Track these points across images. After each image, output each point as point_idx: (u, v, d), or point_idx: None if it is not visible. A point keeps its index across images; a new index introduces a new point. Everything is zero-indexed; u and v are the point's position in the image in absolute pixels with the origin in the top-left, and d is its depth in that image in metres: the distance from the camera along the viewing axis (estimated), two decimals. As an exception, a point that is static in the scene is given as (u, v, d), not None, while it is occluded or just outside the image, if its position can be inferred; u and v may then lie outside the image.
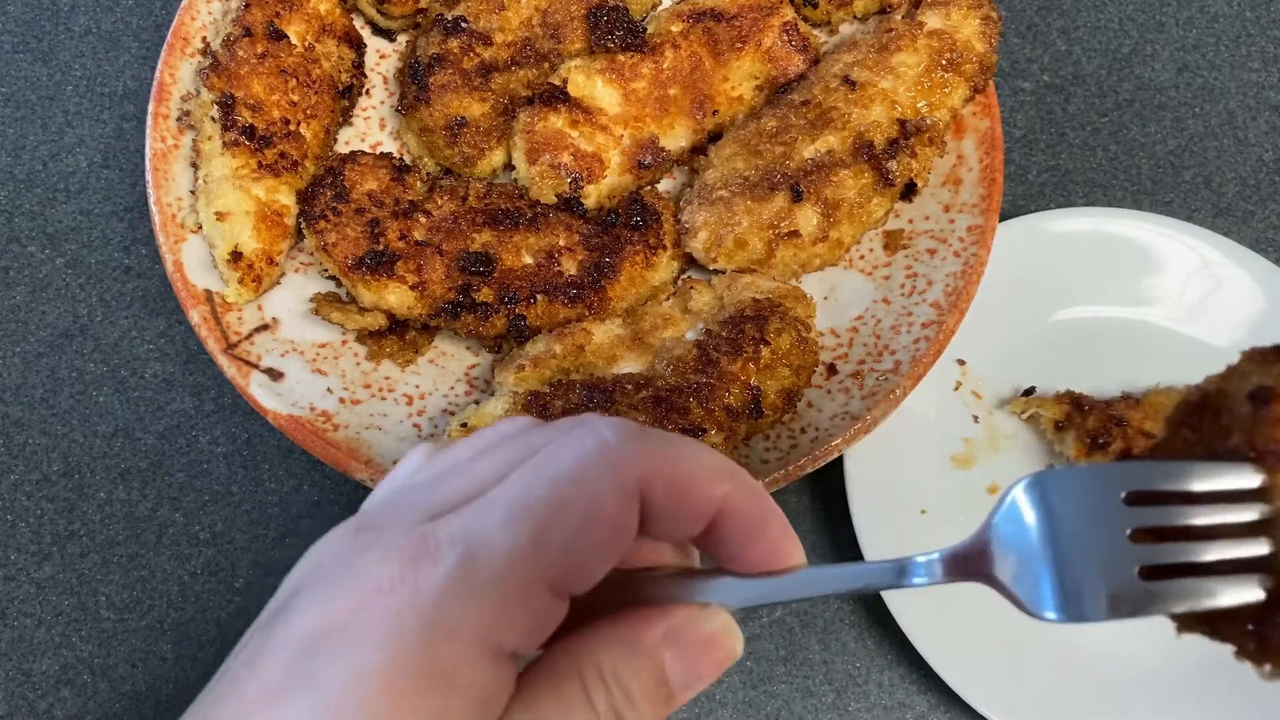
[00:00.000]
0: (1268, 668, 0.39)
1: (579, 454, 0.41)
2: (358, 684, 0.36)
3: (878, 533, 0.79)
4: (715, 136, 0.86)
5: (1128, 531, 0.39)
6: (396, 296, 0.77)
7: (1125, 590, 0.39)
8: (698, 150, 0.86)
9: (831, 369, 0.80)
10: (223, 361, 0.75)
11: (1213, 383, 0.42)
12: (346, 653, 0.36)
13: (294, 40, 0.82)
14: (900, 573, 0.43)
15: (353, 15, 0.89)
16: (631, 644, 0.42)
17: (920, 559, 0.43)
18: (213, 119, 0.79)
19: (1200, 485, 0.40)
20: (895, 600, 0.78)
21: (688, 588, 0.44)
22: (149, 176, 0.79)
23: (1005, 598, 0.41)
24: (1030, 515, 0.41)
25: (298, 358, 0.77)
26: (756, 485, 0.44)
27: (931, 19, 0.84)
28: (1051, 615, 0.40)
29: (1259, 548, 0.39)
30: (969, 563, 0.42)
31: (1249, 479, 0.40)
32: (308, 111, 0.81)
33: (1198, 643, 0.80)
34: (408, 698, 0.36)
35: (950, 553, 0.42)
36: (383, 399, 0.78)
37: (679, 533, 0.43)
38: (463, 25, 0.85)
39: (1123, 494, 0.40)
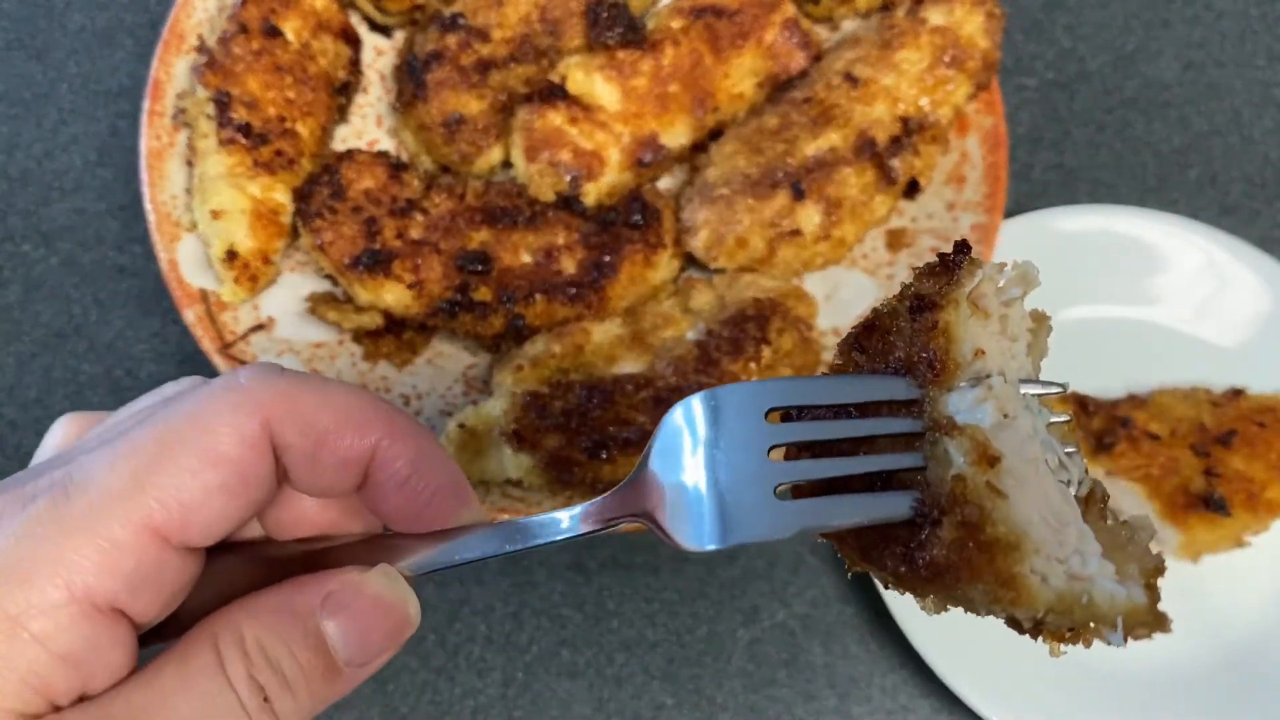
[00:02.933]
0: (930, 599, 0.37)
1: (202, 396, 0.37)
2: None
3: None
4: (716, 134, 0.85)
5: (766, 449, 0.37)
6: (393, 296, 0.76)
7: (757, 511, 0.37)
8: (698, 148, 0.85)
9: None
10: (218, 361, 0.74)
11: (884, 304, 0.40)
12: None
13: (290, 37, 0.81)
14: (562, 522, 0.40)
15: (349, 11, 0.88)
16: (282, 611, 0.38)
17: (581, 506, 0.40)
18: (208, 116, 0.78)
19: (850, 398, 0.38)
20: (899, 603, 0.77)
21: (360, 553, 0.41)
22: (144, 175, 0.78)
23: (657, 533, 0.39)
24: (679, 444, 0.38)
25: (294, 358, 0.77)
26: (421, 436, 0.41)
27: (934, 15, 0.83)
28: (686, 545, 0.38)
29: (907, 460, 0.37)
30: (627, 501, 0.40)
31: (902, 390, 0.38)
32: (304, 109, 0.80)
33: (1199, 645, 0.80)
34: None
35: (609, 495, 0.40)
36: (380, 399, 0.77)
37: (328, 484, 0.40)
38: (460, 21, 0.84)
39: (765, 411, 0.38)
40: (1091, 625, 0.35)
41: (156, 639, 0.39)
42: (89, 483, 0.35)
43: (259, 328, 0.77)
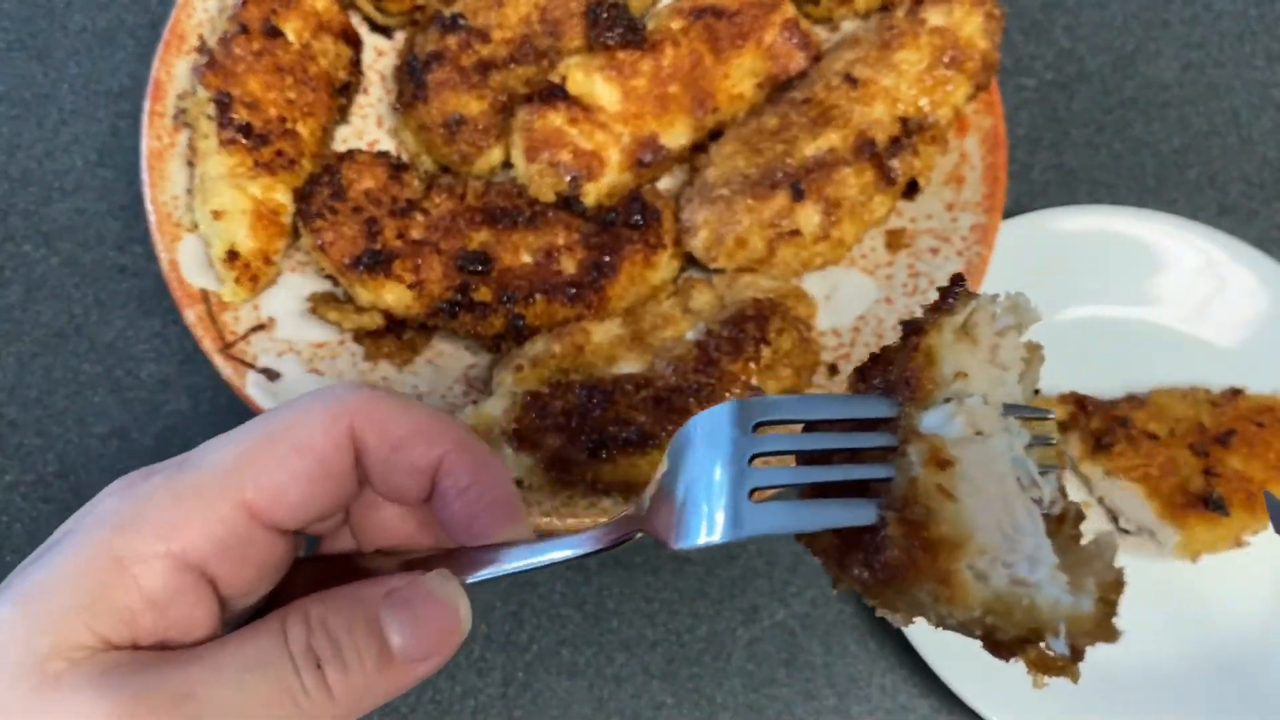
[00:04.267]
0: (900, 612, 0.39)
1: (304, 399, 0.44)
2: (46, 571, 0.40)
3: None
4: (716, 134, 0.86)
5: (748, 458, 0.41)
6: (394, 296, 0.76)
7: (734, 513, 0.40)
8: (698, 148, 0.86)
9: (833, 369, 0.79)
10: (219, 361, 0.74)
11: (893, 343, 0.44)
12: (55, 550, 0.41)
13: (291, 37, 0.81)
14: (591, 540, 0.45)
15: (350, 12, 0.88)
16: (348, 597, 0.43)
17: (603, 523, 0.45)
18: (209, 117, 0.78)
19: (834, 415, 0.42)
20: (897, 602, 0.77)
21: (432, 565, 0.45)
22: (145, 175, 0.78)
23: (656, 539, 0.43)
24: (677, 459, 0.43)
25: (294, 358, 0.77)
26: (485, 456, 0.46)
27: (934, 16, 0.83)
28: (675, 545, 0.41)
29: (877, 471, 0.39)
30: (631, 520, 0.44)
31: (885, 409, 0.41)
32: (304, 109, 0.81)
33: (1198, 645, 0.80)
34: (77, 575, 0.40)
35: (624, 514, 0.45)
36: (380, 399, 0.77)
37: (400, 487, 0.45)
38: (460, 22, 0.84)
39: (754, 424, 0.42)
40: (1034, 632, 0.36)
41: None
42: (201, 463, 0.42)
43: (259, 328, 0.77)
